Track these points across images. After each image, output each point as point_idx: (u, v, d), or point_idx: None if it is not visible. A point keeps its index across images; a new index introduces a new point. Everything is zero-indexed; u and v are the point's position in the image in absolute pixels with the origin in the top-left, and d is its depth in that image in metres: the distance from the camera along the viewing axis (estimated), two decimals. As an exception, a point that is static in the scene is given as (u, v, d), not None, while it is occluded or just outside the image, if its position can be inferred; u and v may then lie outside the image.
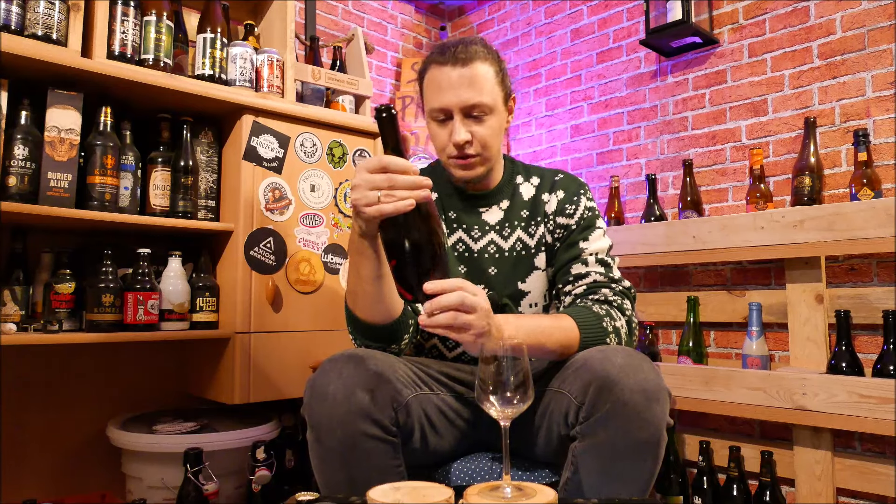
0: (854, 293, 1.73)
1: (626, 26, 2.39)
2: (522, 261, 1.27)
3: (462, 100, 1.16)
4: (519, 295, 1.27)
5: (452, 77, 1.16)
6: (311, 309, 1.84)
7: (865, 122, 1.80)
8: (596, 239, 1.24)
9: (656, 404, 0.96)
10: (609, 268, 1.22)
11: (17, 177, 1.44)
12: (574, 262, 1.23)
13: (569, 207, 1.26)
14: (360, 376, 1.01)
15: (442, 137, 1.21)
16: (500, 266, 1.27)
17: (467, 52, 1.17)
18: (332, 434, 0.99)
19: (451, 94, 1.16)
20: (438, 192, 1.32)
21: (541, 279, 1.28)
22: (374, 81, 2.76)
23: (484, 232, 1.29)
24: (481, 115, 1.18)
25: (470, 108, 1.17)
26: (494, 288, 1.26)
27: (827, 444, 1.66)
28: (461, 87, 1.16)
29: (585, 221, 1.26)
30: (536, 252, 1.27)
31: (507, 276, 1.27)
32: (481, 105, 1.17)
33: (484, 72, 1.18)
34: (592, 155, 2.47)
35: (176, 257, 1.72)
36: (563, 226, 1.26)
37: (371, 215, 0.94)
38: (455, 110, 1.17)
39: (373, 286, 1.07)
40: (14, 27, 1.44)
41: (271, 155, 1.80)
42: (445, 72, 1.17)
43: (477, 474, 1.14)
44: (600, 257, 1.22)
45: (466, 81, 1.16)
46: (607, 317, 1.13)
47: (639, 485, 0.98)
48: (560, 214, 1.27)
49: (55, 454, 1.73)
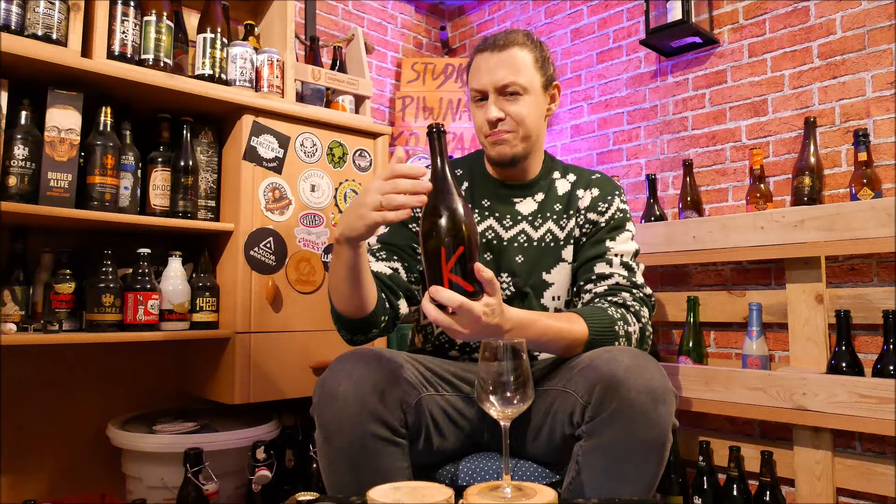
0: (854, 293, 1.73)
1: (626, 26, 2.39)
2: (550, 251, 1.29)
3: (496, 79, 1.22)
4: (543, 286, 1.28)
5: (490, 60, 1.23)
6: (311, 309, 1.84)
7: (865, 122, 1.80)
8: (624, 241, 1.25)
9: (662, 405, 0.96)
10: (633, 272, 1.23)
11: (17, 177, 1.44)
12: (598, 261, 1.24)
13: (601, 206, 1.28)
14: (371, 377, 1.01)
15: (478, 117, 1.26)
16: (527, 255, 1.29)
17: (506, 39, 1.24)
18: (341, 435, 0.99)
19: (486, 75, 1.23)
20: (473, 180, 1.35)
21: (566, 272, 1.29)
22: (374, 81, 2.76)
23: (516, 222, 1.30)
24: (515, 95, 1.22)
25: (503, 87, 1.22)
26: (519, 276, 1.27)
27: (827, 444, 1.66)
28: (497, 67, 1.22)
29: (616, 222, 1.27)
30: (565, 244, 1.29)
31: (533, 265, 1.28)
32: (514, 84, 1.21)
33: (520, 55, 1.23)
34: (592, 155, 2.47)
35: (176, 257, 1.72)
36: (593, 222, 1.28)
37: (373, 220, 0.95)
38: (490, 90, 1.23)
39: (347, 286, 1.08)
40: (14, 27, 1.44)
41: (271, 155, 1.80)
42: (485, 57, 1.24)
43: (478, 474, 1.14)
44: (625, 260, 1.23)
45: (503, 62, 1.22)
46: (622, 320, 1.13)
47: (643, 485, 0.98)
48: (592, 211, 1.29)
49: (55, 454, 1.73)
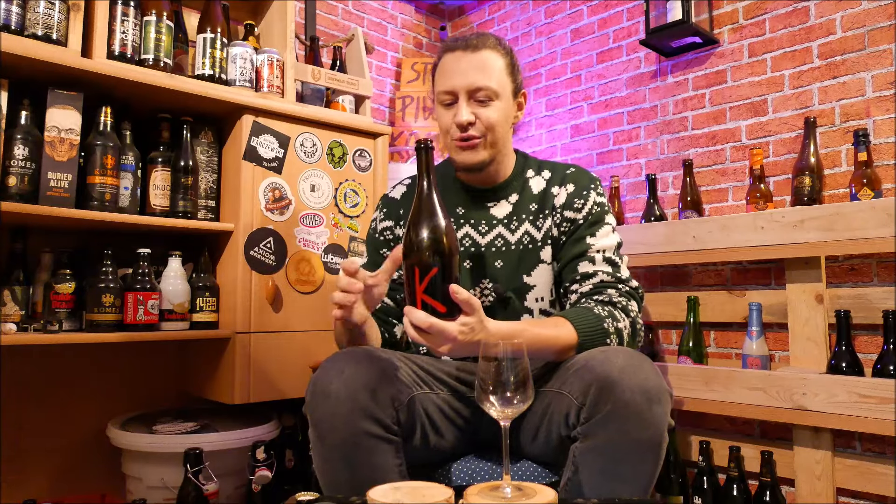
0: (854, 293, 1.73)
1: (626, 26, 2.39)
2: (528, 254, 1.26)
3: (469, 82, 1.19)
4: (525, 288, 1.26)
5: (461, 61, 1.20)
6: (311, 309, 1.84)
7: (865, 122, 1.80)
8: (604, 235, 1.23)
9: (657, 405, 0.96)
10: (617, 267, 1.21)
11: (17, 177, 1.44)
12: (581, 260, 1.21)
13: (577, 202, 1.25)
14: (362, 375, 1.01)
15: (446, 119, 1.23)
16: (506, 259, 1.27)
17: (479, 40, 1.21)
18: (334, 433, 0.99)
19: (458, 77, 1.19)
20: (445, 188, 1.32)
21: (547, 273, 1.27)
22: (374, 81, 2.76)
23: (492, 226, 1.28)
24: (486, 100, 1.20)
25: (475, 91, 1.19)
26: (500, 281, 1.26)
27: (827, 444, 1.66)
28: (469, 70, 1.19)
29: (594, 217, 1.24)
30: (542, 245, 1.26)
31: (513, 269, 1.26)
32: (487, 88, 1.19)
33: (493, 59, 1.20)
34: (592, 155, 2.47)
35: (176, 257, 1.72)
36: (571, 220, 1.25)
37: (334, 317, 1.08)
38: (461, 92, 1.19)
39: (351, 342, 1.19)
40: (14, 27, 1.44)
41: (271, 155, 1.80)
42: (456, 56, 1.21)
43: (477, 474, 1.14)
44: (608, 255, 1.21)
45: (474, 65, 1.19)
46: (609, 318, 1.12)
47: (640, 485, 0.98)
48: (568, 208, 1.25)
49: (55, 454, 1.73)
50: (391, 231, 1.34)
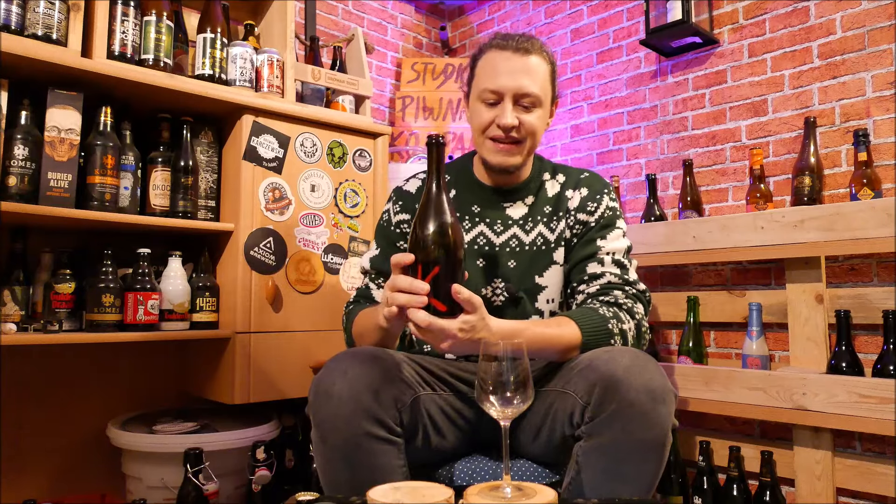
0: (854, 293, 1.73)
1: (626, 26, 2.39)
2: (541, 255, 1.28)
3: (517, 85, 1.18)
4: (536, 289, 1.27)
5: (512, 62, 1.19)
6: (311, 309, 1.84)
7: (865, 122, 1.80)
8: (614, 238, 1.25)
9: (662, 405, 0.96)
10: (625, 269, 1.22)
11: (17, 177, 1.44)
12: (590, 261, 1.23)
13: (590, 205, 1.27)
14: (365, 376, 1.01)
15: (486, 117, 1.21)
16: (519, 260, 1.28)
17: (530, 44, 1.21)
18: (336, 433, 0.99)
19: (508, 78, 1.19)
20: (461, 186, 1.33)
21: (558, 274, 1.28)
22: (374, 81, 2.76)
23: (507, 226, 1.29)
24: (530, 106, 1.20)
25: (522, 96, 1.19)
26: (512, 281, 1.27)
27: (827, 444, 1.66)
28: (519, 73, 1.19)
29: (605, 220, 1.26)
30: (556, 247, 1.28)
31: (526, 269, 1.27)
32: (533, 95, 1.19)
33: (540, 66, 1.21)
34: (592, 155, 2.47)
35: (176, 257, 1.72)
36: (583, 222, 1.27)
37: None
38: (508, 94, 1.19)
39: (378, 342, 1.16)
40: (14, 27, 1.44)
41: (271, 155, 1.80)
42: (506, 56, 1.20)
43: (478, 474, 1.14)
44: (617, 258, 1.22)
45: (525, 69, 1.19)
46: (614, 318, 1.12)
47: (643, 485, 0.98)
48: (581, 211, 1.28)
49: (55, 454, 1.73)
50: (409, 224, 1.34)
